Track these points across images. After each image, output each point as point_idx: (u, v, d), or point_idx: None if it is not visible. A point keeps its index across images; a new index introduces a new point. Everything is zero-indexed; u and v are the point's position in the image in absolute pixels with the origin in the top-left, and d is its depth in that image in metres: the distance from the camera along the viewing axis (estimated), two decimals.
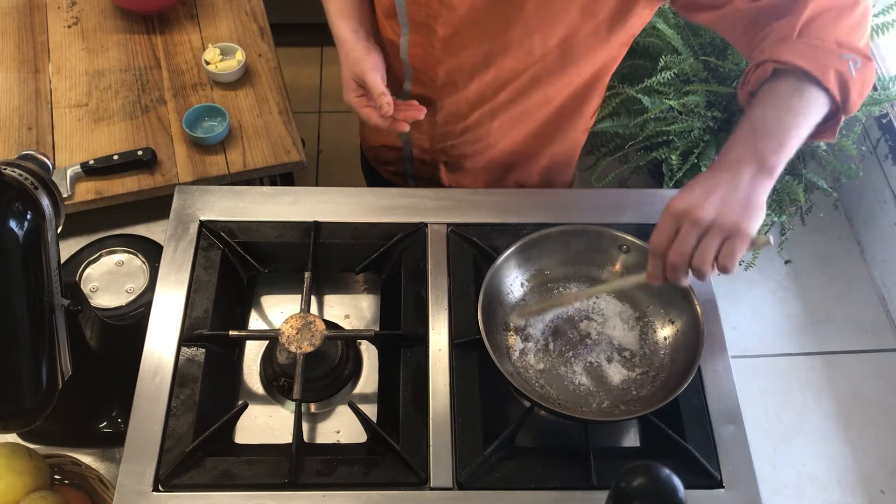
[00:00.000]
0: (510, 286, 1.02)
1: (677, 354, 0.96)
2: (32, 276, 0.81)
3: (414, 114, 1.03)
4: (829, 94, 0.80)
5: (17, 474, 0.91)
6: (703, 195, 0.78)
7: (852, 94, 0.81)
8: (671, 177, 1.82)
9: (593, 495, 0.88)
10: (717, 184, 0.78)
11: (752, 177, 0.78)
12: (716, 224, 0.77)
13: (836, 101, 0.80)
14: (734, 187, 0.78)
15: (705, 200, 0.77)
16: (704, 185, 0.79)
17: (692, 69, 1.81)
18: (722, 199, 0.77)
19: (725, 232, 0.77)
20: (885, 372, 2.13)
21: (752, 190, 0.78)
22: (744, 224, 0.77)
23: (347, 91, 1.05)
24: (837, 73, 0.79)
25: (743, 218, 0.77)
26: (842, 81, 0.79)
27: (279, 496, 0.87)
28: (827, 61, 0.79)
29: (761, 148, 0.78)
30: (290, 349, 0.95)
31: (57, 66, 1.45)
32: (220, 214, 1.09)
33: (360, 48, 1.04)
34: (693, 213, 0.77)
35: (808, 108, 0.80)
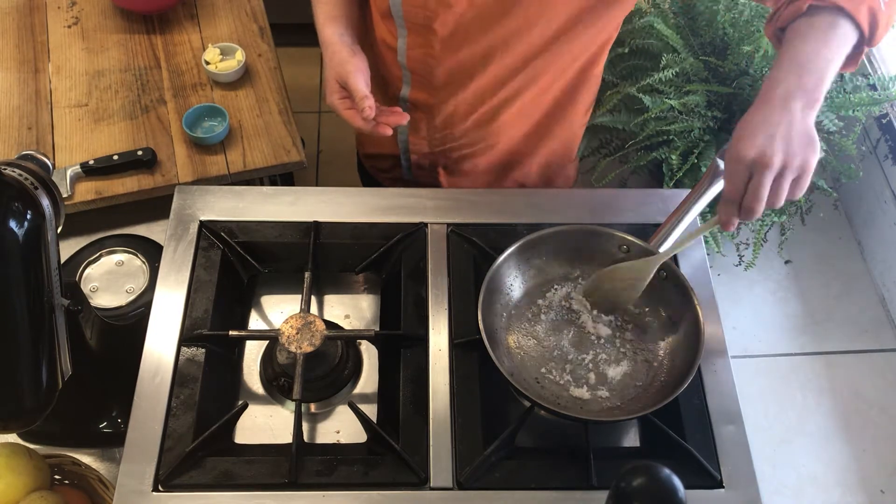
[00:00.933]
0: (510, 286, 1.02)
1: (677, 355, 0.96)
2: (32, 276, 0.81)
3: (397, 119, 1.02)
4: (860, 28, 0.83)
5: (17, 474, 0.91)
6: (768, 140, 0.80)
7: (880, 28, 0.84)
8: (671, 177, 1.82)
9: (593, 495, 0.88)
10: (777, 124, 0.81)
11: (802, 111, 0.81)
12: (787, 166, 0.80)
13: (863, 35, 0.84)
14: (791, 124, 0.80)
15: (773, 144, 0.80)
16: (764, 129, 0.81)
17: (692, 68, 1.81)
18: (786, 140, 0.80)
19: (796, 171, 0.81)
20: (885, 372, 2.13)
21: (805, 124, 0.81)
22: (810, 160, 0.81)
23: (331, 93, 1.05)
24: (869, 7, 0.82)
25: (808, 155, 0.81)
26: (872, 16, 0.83)
27: (279, 496, 0.87)
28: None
29: (806, 82, 0.81)
30: (290, 349, 0.95)
31: (57, 66, 1.45)
32: (220, 214, 1.09)
33: (344, 51, 1.03)
34: (764, 159, 0.80)
35: (842, 43, 0.83)
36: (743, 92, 1.79)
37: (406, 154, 1.24)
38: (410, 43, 1.04)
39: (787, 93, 0.82)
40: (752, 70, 1.78)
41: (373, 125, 1.02)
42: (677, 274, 0.98)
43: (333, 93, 1.04)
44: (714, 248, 1.86)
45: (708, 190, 0.99)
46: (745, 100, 1.80)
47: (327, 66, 1.05)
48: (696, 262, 1.08)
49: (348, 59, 1.02)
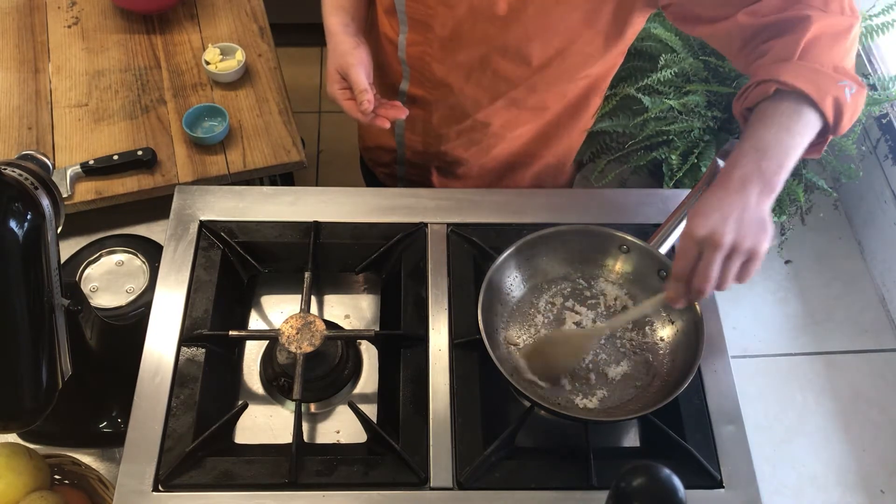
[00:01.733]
0: (510, 286, 1.02)
1: (677, 354, 0.96)
2: (32, 276, 0.81)
3: (396, 112, 1.03)
4: (825, 118, 0.83)
5: (17, 474, 0.91)
6: (720, 219, 0.80)
7: (844, 118, 0.84)
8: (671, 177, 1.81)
9: (593, 495, 0.88)
10: (730, 206, 0.81)
11: (758, 196, 0.81)
12: (737, 248, 0.80)
13: (827, 124, 0.84)
14: (745, 208, 0.80)
15: (724, 225, 0.80)
16: (719, 209, 0.81)
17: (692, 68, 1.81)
18: (738, 222, 0.80)
19: (745, 254, 0.80)
20: (885, 372, 2.13)
21: (760, 210, 0.81)
22: (760, 244, 0.81)
23: (331, 83, 1.06)
24: (834, 98, 0.82)
25: (759, 239, 0.80)
26: (837, 107, 0.83)
27: (279, 496, 0.87)
28: (827, 87, 0.82)
29: (765, 168, 0.81)
30: (290, 349, 0.95)
31: (57, 66, 1.45)
32: (220, 214, 1.09)
33: (348, 42, 1.04)
34: (715, 237, 0.80)
35: (805, 130, 0.83)
36: None
37: (401, 149, 1.24)
38: (410, 39, 1.05)
39: (745, 177, 0.81)
40: None
41: (371, 117, 1.02)
42: None
43: (334, 83, 1.05)
44: None
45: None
46: None
47: (330, 56, 1.06)
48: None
49: (350, 50, 1.03)
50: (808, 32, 0.83)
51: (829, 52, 0.83)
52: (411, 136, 1.21)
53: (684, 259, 0.83)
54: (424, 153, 1.22)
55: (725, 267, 0.81)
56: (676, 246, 0.84)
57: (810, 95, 0.81)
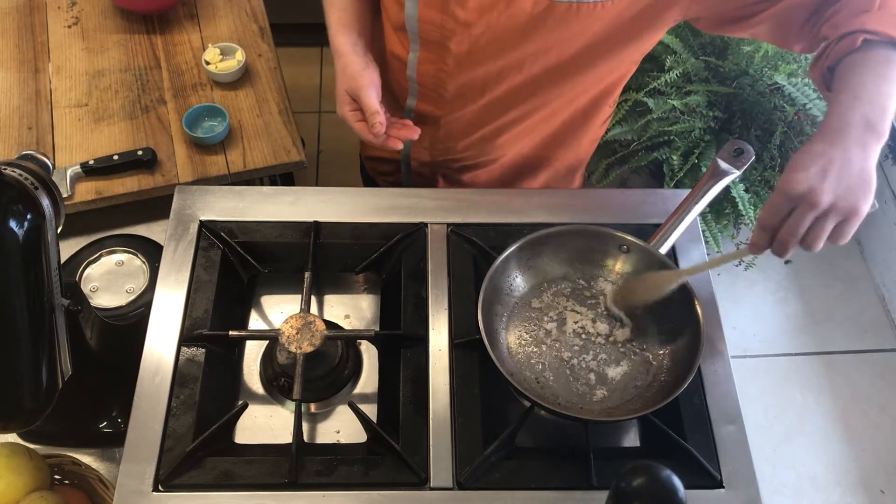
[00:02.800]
0: (510, 286, 1.02)
1: (677, 355, 0.96)
2: (32, 276, 0.81)
3: (407, 133, 1.02)
4: None
5: (17, 474, 0.91)
6: (819, 175, 0.75)
7: None
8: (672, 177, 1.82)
9: (593, 495, 0.88)
10: (831, 160, 0.75)
11: (864, 146, 0.76)
12: (834, 207, 0.75)
13: None
14: (848, 160, 0.75)
15: (823, 182, 0.74)
16: (819, 163, 0.75)
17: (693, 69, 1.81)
18: (838, 178, 0.74)
19: (843, 214, 0.75)
20: (885, 372, 2.13)
21: (866, 162, 0.75)
22: (861, 204, 0.75)
23: (341, 104, 1.04)
24: None
25: (860, 198, 0.75)
26: None
27: (279, 496, 0.87)
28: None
29: (869, 113, 0.76)
30: (290, 349, 0.95)
31: (57, 66, 1.45)
32: (220, 214, 1.09)
33: (357, 63, 1.02)
34: (812, 196, 0.74)
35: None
36: (743, 92, 1.79)
37: (406, 160, 1.24)
38: (422, 58, 1.03)
39: (849, 125, 0.76)
40: (753, 70, 1.78)
41: (383, 139, 1.02)
42: None
43: (344, 104, 1.04)
44: (714, 247, 1.86)
45: (708, 190, 0.99)
46: (745, 99, 1.80)
47: (339, 77, 1.04)
48: (695, 261, 1.08)
49: (360, 72, 1.01)
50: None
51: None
52: (417, 149, 1.20)
53: (773, 212, 0.78)
54: (431, 163, 1.22)
55: (819, 226, 0.76)
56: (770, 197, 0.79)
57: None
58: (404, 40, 1.03)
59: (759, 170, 1.76)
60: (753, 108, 1.80)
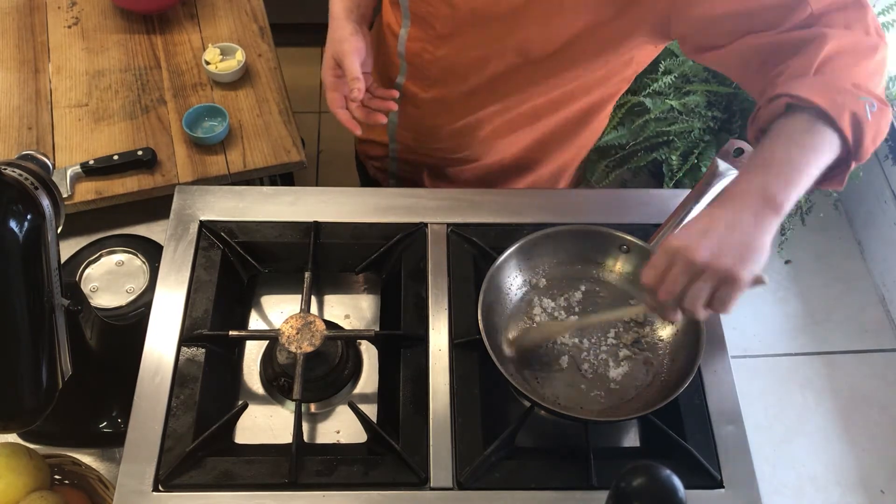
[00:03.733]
0: (510, 286, 1.02)
1: (677, 354, 0.96)
2: (32, 276, 0.81)
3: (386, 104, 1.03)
4: (843, 135, 0.75)
5: (17, 474, 0.91)
6: (699, 234, 0.73)
7: (866, 138, 0.76)
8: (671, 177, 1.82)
9: (593, 495, 0.88)
10: (716, 221, 0.74)
11: (756, 214, 0.73)
12: (710, 267, 0.72)
13: (848, 145, 0.76)
14: (733, 226, 0.73)
15: (701, 240, 0.72)
16: (703, 223, 0.74)
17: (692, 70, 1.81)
18: (720, 240, 0.72)
19: (719, 277, 0.72)
20: (885, 372, 2.13)
21: (755, 229, 0.73)
22: (739, 269, 0.72)
23: (325, 68, 1.06)
24: (852, 114, 0.74)
25: (739, 263, 0.72)
26: (856, 123, 0.75)
27: (279, 496, 0.87)
28: (843, 101, 0.74)
29: (769, 184, 0.74)
30: (290, 349, 0.95)
31: (57, 66, 1.45)
32: (220, 214, 1.09)
33: (346, 28, 1.03)
34: (687, 252, 0.73)
35: (820, 148, 0.75)
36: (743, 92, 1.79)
37: (394, 143, 1.24)
38: (411, 34, 1.05)
39: (745, 192, 0.74)
40: None
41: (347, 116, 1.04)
42: None
43: (328, 68, 1.06)
44: None
45: (708, 190, 0.99)
46: (744, 99, 1.80)
47: (328, 41, 1.06)
48: None
49: (347, 37, 1.03)
50: (824, 49, 0.77)
51: (850, 70, 0.77)
52: (402, 131, 1.21)
53: (652, 267, 0.76)
54: (416, 150, 1.22)
55: (696, 287, 0.73)
56: None
57: (825, 109, 0.74)
58: (398, 15, 1.05)
59: None
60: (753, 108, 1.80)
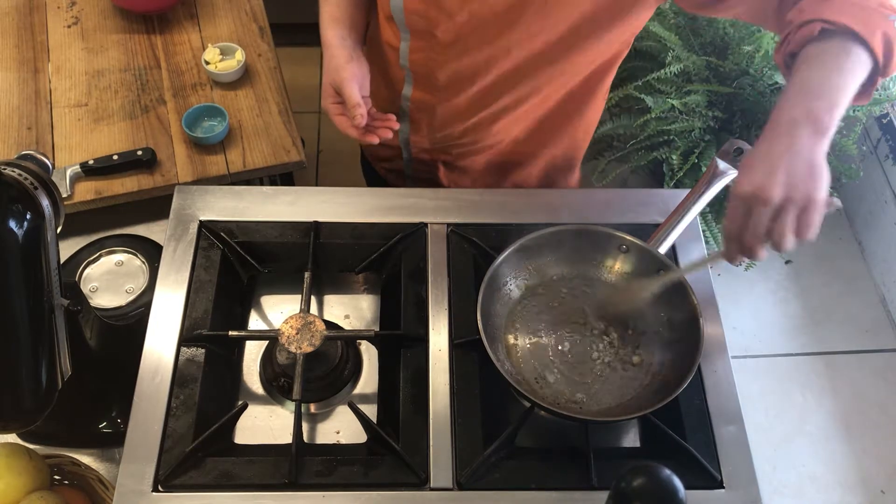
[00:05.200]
0: (510, 286, 1.02)
1: (677, 354, 0.96)
2: (32, 276, 0.81)
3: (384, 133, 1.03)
4: (874, 54, 0.78)
5: (17, 474, 0.91)
6: (767, 172, 0.75)
7: (895, 56, 0.79)
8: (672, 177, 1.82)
9: (593, 495, 0.88)
10: (779, 156, 0.76)
11: (810, 138, 0.75)
12: (788, 200, 0.75)
13: (877, 62, 0.79)
14: (795, 154, 0.75)
15: (772, 178, 0.75)
16: (766, 160, 0.76)
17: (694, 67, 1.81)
18: (787, 172, 0.75)
19: (799, 206, 0.75)
20: (886, 372, 2.13)
21: (812, 153, 0.75)
22: (815, 193, 0.75)
23: (325, 97, 1.06)
24: (884, 33, 0.78)
25: (813, 187, 0.75)
26: (887, 42, 0.78)
27: (279, 496, 0.87)
28: (874, 22, 0.77)
29: (815, 108, 0.76)
30: (290, 349, 0.95)
31: (57, 66, 1.45)
32: (220, 214, 1.09)
33: (342, 56, 1.03)
34: (762, 194, 0.75)
35: (855, 68, 0.78)
36: (743, 91, 1.79)
37: (407, 149, 1.24)
38: (413, 47, 1.04)
39: (794, 121, 0.76)
40: (753, 70, 1.78)
41: (362, 133, 1.02)
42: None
43: (327, 97, 1.05)
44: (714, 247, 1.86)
45: (708, 190, 0.99)
46: (745, 99, 1.80)
47: (324, 70, 1.05)
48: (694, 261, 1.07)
49: (344, 64, 1.02)
50: None
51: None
52: (416, 138, 1.21)
53: (732, 218, 0.78)
54: (432, 150, 1.23)
55: (779, 223, 0.75)
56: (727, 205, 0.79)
57: (858, 31, 0.77)
58: (395, 29, 1.05)
59: None
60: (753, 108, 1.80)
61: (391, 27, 1.06)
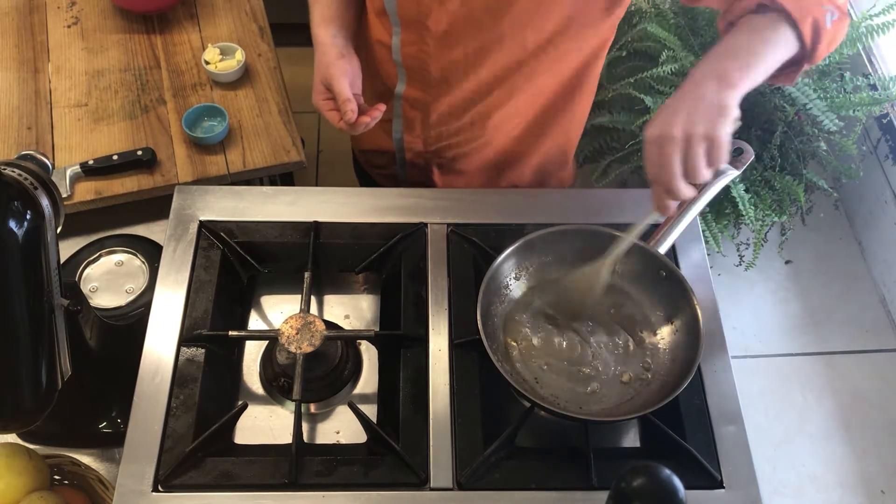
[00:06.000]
0: (510, 286, 1.02)
1: (677, 354, 0.96)
2: (32, 276, 0.81)
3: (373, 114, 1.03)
4: (801, 38, 0.83)
5: (17, 474, 0.91)
6: (670, 115, 0.81)
7: (821, 44, 0.84)
8: None
9: (593, 495, 0.88)
10: (681, 100, 0.82)
11: (715, 89, 0.81)
12: (691, 135, 0.80)
13: (805, 46, 0.84)
14: (698, 99, 0.81)
15: (673, 118, 0.80)
16: (671, 107, 0.82)
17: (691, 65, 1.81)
18: (689, 112, 0.80)
19: (703, 140, 0.80)
20: (886, 372, 2.13)
21: (717, 98, 0.80)
22: (715, 128, 0.79)
23: (316, 94, 1.06)
24: (814, 20, 0.82)
25: (714, 123, 0.80)
26: (816, 29, 0.83)
27: (279, 496, 0.87)
28: (808, 7, 0.82)
29: (727, 66, 0.82)
30: (290, 349, 0.95)
31: (56, 66, 1.45)
32: (220, 214, 1.09)
33: (332, 53, 1.04)
34: (666, 132, 0.81)
35: (778, 42, 0.83)
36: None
37: (401, 152, 1.24)
38: (405, 40, 1.05)
39: (704, 76, 0.82)
40: None
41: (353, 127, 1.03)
42: (677, 274, 0.98)
43: (318, 94, 1.06)
44: (714, 247, 1.86)
45: (707, 190, 0.98)
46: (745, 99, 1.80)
47: (315, 68, 1.06)
48: (696, 261, 1.07)
49: (334, 61, 1.03)
50: None
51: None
52: (410, 138, 1.20)
53: (648, 162, 0.84)
54: (425, 152, 1.22)
55: (689, 156, 0.80)
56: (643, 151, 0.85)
57: (790, 12, 0.82)
58: (387, 24, 1.05)
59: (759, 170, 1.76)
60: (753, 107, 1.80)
61: (382, 22, 1.06)
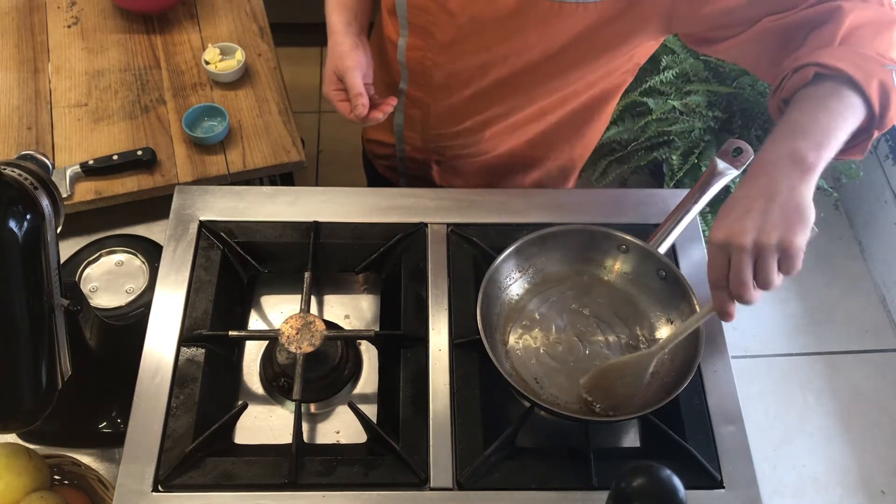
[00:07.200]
0: (510, 286, 1.02)
1: (677, 354, 0.96)
2: (32, 276, 0.81)
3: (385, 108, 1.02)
4: (869, 103, 0.75)
5: (17, 474, 0.91)
6: (739, 217, 0.73)
7: (892, 106, 0.76)
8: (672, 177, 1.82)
9: (593, 495, 0.88)
10: (753, 199, 0.73)
11: (789, 178, 0.72)
12: (764, 246, 0.72)
13: (873, 113, 0.76)
14: (771, 197, 0.72)
15: (744, 222, 0.72)
16: (741, 204, 0.74)
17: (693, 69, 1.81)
18: (762, 216, 0.72)
19: (776, 249, 0.72)
20: (886, 372, 2.13)
21: (792, 193, 0.72)
22: (791, 235, 0.71)
23: (327, 83, 1.05)
24: (880, 82, 0.75)
25: (790, 229, 0.71)
26: (883, 91, 0.75)
27: (279, 496, 0.87)
28: (871, 69, 0.75)
29: (799, 147, 0.73)
30: (290, 349, 0.95)
31: (56, 66, 1.45)
32: (220, 214, 1.09)
33: (346, 43, 1.03)
34: (735, 240, 0.73)
35: (846, 112, 0.75)
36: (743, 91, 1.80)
37: (401, 145, 1.24)
38: (410, 44, 1.04)
39: (775, 160, 0.73)
40: None
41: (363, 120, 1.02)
42: (677, 274, 0.98)
43: (329, 83, 1.05)
44: None
45: (707, 190, 0.99)
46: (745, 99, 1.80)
47: (328, 56, 1.05)
48: (696, 262, 1.07)
49: (348, 52, 1.02)
50: (845, 21, 0.77)
51: (872, 40, 0.77)
52: (410, 133, 1.21)
53: (713, 267, 0.76)
54: (424, 149, 1.23)
55: (760, 267, 0.72)
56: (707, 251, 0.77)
57: (853, 76, 0.74)
58: (396, 24, 1.05)
59: None
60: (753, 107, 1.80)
61: (392, 21, 1.06)
